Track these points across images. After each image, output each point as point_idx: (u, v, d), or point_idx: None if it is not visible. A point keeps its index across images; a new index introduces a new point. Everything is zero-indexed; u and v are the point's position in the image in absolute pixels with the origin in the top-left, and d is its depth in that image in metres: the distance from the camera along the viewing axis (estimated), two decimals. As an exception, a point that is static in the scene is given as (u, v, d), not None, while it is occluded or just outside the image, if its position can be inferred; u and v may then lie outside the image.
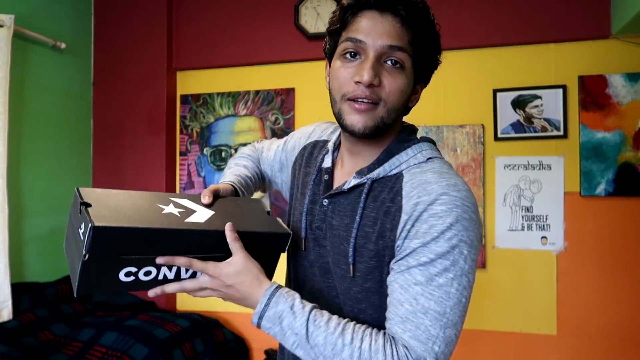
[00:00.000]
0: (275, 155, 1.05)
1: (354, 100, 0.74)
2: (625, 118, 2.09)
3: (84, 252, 0.65)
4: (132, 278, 0.71)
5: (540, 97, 2.18)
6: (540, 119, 2.18)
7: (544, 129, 2.18)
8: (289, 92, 2.49)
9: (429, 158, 0.79)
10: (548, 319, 2.16)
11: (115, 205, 0.70)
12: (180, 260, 0.73)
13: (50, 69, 2.41)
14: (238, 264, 0.74)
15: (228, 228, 0.74)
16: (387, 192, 0.76)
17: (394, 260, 0.73)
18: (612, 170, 2.10)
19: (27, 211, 2.26)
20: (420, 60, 0.76)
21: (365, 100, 0.73)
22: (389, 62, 0.73)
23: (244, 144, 2.55)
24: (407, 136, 0.82)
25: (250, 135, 2.55)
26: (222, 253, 0.75)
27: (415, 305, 0.69)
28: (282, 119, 2.50)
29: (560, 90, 2.16)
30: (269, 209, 0.83)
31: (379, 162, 0.79)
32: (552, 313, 2.16)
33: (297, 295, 0.74)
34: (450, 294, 0.69)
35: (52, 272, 2.37)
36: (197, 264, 0.73)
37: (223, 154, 2.59)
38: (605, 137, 2.11)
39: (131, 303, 2.42)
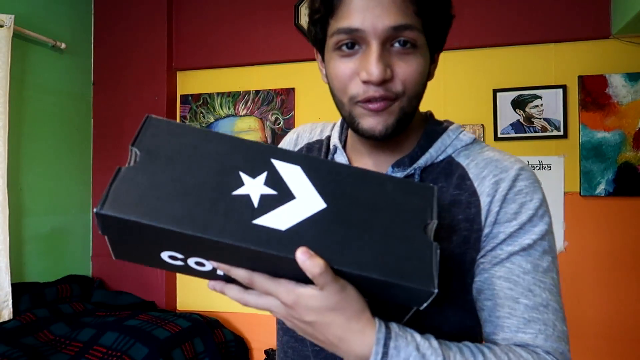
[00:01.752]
0: None
1: (367, 101, 0.60)
2: (625, 118, 2.09)
3: (99, 230, 0.47)
4: (179, 263, 0.50)
5: (540, 97, 2.18)
6: (540, 119, 2.18)
7: (544, 129, 2.18)
8: (289, 92, 2.49)
9: (474, 139, 0.70)
10: (548, 319, 2.16)
11: (159, 176, 0.46)
12: (239, 273, 0.49)
13: (50, 69, 2.41)
14: (326, 299, 0.48)
15: (302, 256, 0.45)
16: (444, 179, 0.65)
17: (482, 253, 0.61)
18: (612, 170, 2.10)
19: (27, 211, 2.26)
20: (432, 29, 0.61)
21: (379, 101, 0.60)
22: (397, 45, 0.58)
23: (244, 144, 2.55)
24: (435, 119, 0.72)
25: (250, 136, 2.55)
26: (308, 281, 0.47)
27: (533, 299, 0.57)
28: (282, 119, 2.50)
29: (560, 90, 2.16)
30: (434, 220, 0.50)
31: (421, 149, 0.67)
32: (552, 313, 2.16)
33: (410, 329, 0.53)
34: (554, 280, 0.60)
35: (52, 272, 2.37)
36: (262, 282, 0.49)
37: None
38: (605, 137, 2.11)
39: (131, 303, 2.42)
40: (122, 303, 2.41)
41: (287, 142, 0.83)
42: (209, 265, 0.50)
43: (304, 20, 2.42)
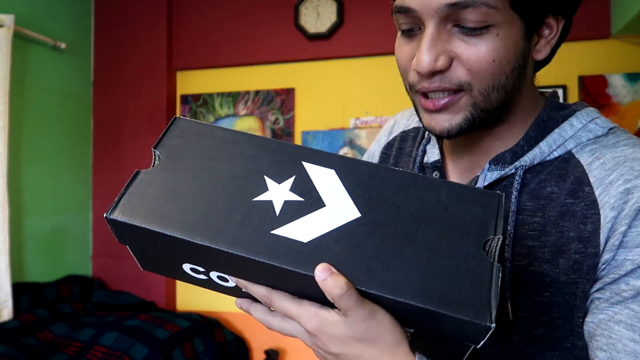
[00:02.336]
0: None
1: (425, 95, 0.51)
2: (625, 118, 2.09)
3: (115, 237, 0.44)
4: (202, 277, 0.46)
5: (540, 97, 2.19)
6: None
7: (544, 129, 2.18)
8: (289, 92, 2.49)
9: (610, 129, 0.52)
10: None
11: (178, 180, 0.42)
12: (257, 290, 0.43)
13: (50, 69, 2.41)
14: (351, 327, 0.40)
15: (321, 273, 0.37)
16: (555, 182, 0.50)
17: (599, 285, 0.46)
18: (612, 170, 2.10)
19: (27, 211, 2.26)
20: None
21: (438, 95, 0.49)
22: (460, 26, 0.46)
23: (244, 144, 2.55)
24: (558, 102, 0.55)
25: (250, 135, 2.55)
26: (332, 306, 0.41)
27: None
28: (282, 119, 2.50)
29: (560, 90, 2.16)
30: (498, 235, 0.40)
31: (529, 142, 0.52)
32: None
33: None
34: None
35: (52, 272, 2.37)
36: (281, 303, 0.42)
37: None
38: (605, 137, 2.11)
39: (131, 303, 2.42)
40: (122, 303, 2.41)
41: (384, 131, 0.74)
42: (232, 280, 0.44)
43: (303, 20, 2.42)
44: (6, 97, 2.03)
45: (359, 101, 2.38)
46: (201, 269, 0.44)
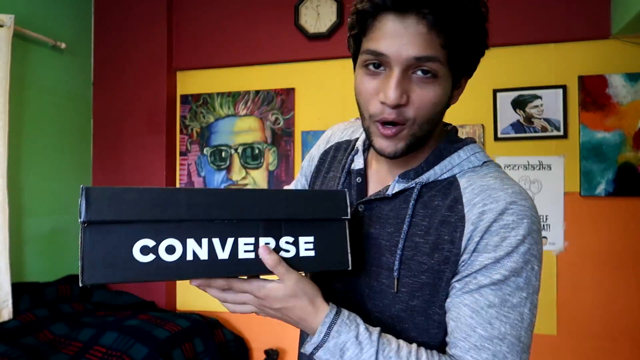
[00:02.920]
0: (296, 183, 0.95)
1: (381, 123, 0.66)
2: (625, 118, 2.09)
3: (80, 218, 0.55)
4: (151, 257, 0.57)
5: (540, 97, 2.18)
6: (540, 119, 2.18)
7: (544, 129, 2.18)
8: (289, 92, 2.49)
9: (484, 162, 0.71)
10: (548, 319, 2.16)
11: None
12: (219, 283, 0.63)
13: (50, 69, 2.41)
14: (286, 288, 0.63)
15: (263, 252, 0.62)
16: (441, 198, 0.68)
17: (457, 277, 0.65)
18: (612, 170, 2.10)
19: (27, 211, 2.26)
20: (459, 59, 0.64)
21: (390, 124, 0.65)
22: (418, 73, 0.62)
23: (244, 144, 2.55)
24: (454, 136, 0.74)
25: (250, 135, 2.55)
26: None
27: (490, 331, 0.61)
28: (282, 119, 2.50)
29: (560, 90, 2.16)
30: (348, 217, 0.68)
31: (428, 165, 0.71)
32: (552, 313, 2.16)
33: (359, 320, 0.65)
34: (523, 316, 0.62)
35: (52, 272, 2.37)
36: (238, 285, 0.63)
37: (223, 154, 2.59)
38: (605, 137, 2.11)
39: (131, 303, 2.42)
40: (122, 303, 2.41)
41: (323, 139, 0.92)
42: (179, 248, 0.60)
43: (303, 20, 2.42)
44: (6, 97, 2.03)
45: (359, 101, 2.38)
46: (151, 244, 0.59)
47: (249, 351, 2.47)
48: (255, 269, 0.62)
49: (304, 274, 0.67)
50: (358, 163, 0.78)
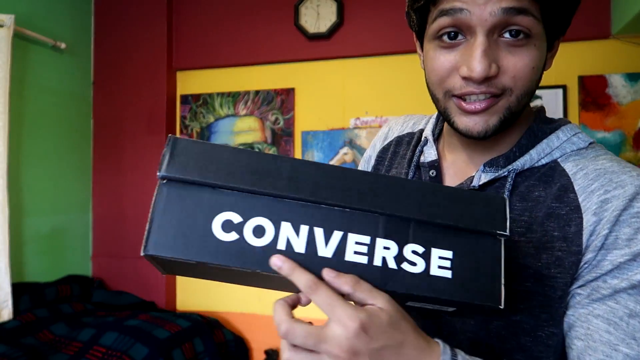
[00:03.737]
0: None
1: (463, 98, 0.54)
2: (625, 118, 2.09)
3: (159, 173, 0.45)
4: (233, 236, 0.45)
5: (540, 97, 2.18)
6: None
7: (544, 129, 2.18)
8: (289, 92, 2.49)
9: (591, 143, 0.58)
10: None
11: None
12: (304, 278, 0.43)
13: (50, 69, 2.41)
14: (392, 314, 0.43)
15: (328, 275, 0.43)
16: (542, 187, 0.55)
17: (581, 282, 0.51)
18: (612, 170, 2.10)
19: (27, 211, 2.26)
20: (553, 14, 0.52)
21: (481, 97, 0.53)
22: (507, 35, 0.51)
23: (244, 144, 2.55)
24: (545, 116, 0.62)
25: (250, 135, 2.55)
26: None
27: (637, 348, 0.47)
28: (282, 119, 2.50)
29: (560, 90, 2.16)
30: (507, 233, 0.47)
31: (520, 149, 0.58)
32: None
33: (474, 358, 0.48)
34: None
35: (52, 272, 2.37)
36: (328, 295, 0.43)
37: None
38: (606, 137, 2.11)
39: (131, 303, 2.42)
40: (122, 303, 2.41)
41: (379, 137, 0.79)
42: (270, 230, 0.47)
43: (303, 20, 2.43)
44: (6, 97, 2.03)
45: (359, 101, 2.38)
46: (237, 219, 0.46)
47: (249, 351, 2.47)
48: (363, 279, 0.45)
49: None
50: (430, 154, 0.65)
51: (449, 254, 0.46)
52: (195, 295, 2.58)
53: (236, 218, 0.45)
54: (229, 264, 0.45)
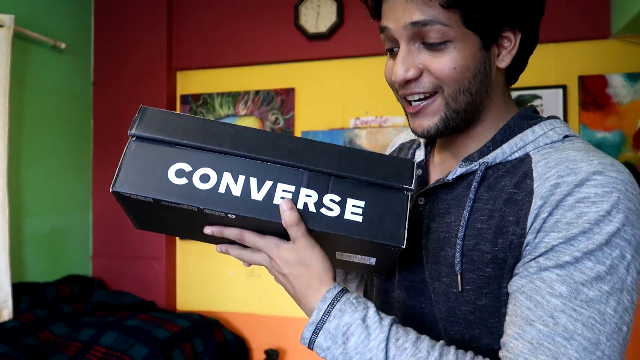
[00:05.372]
0: None
1: (408, 102, 0.60)
2: (625, 118, 2.09)
3: (129, 132, 0.57)
4: (184, 181, 0.56)
5: (540, 97, 2.18)
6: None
7: (544, 129, 2.18)
8: (289, 92, 2.49)
9: (566, 136, 0.58)
10: None
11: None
12: (230, 232, 0.59)
13: (50, 69, 2.41)
14: (296, 252, 0.56)
15: (285, 206, 0.54)
16: (509, 178, 0.57)
17: (520, 263, 0.53)
18: (612, 170, 2.09)
19: (27, 211, 2.26)
20: (480, 15, 0.54)
21: (416, 98, 0.59)
22: (426, 41, 0.56)
23: (244, 144, 2.55)
24: (530, 113, 0.62)
25: (250, 135, 2.55)
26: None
27: (553, 326, 0.47)
28: (282, 119, 2.50)
29: (560, 90, 2.16)
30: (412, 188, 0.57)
31: (494, 144, 0.60)
32: None
33: (370, 304, 0.55)
34: (605, 315, 0.46)
35: (52, 272, 2.37)
36: (251, 237, 0.58)
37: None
38: (605, 137, 2.11)
39: (131, 303, 2.42)
40: (122, 303, 2.41)
41: (390, 147, 0.88)
42: (213, 177, 0.58)
43: (303, 20, 2.42)
44: (6, 97, 2.03)
45: (359, 101, 2.38)
46: (187, 168, 0.57)
47: (249, 351, 2.47)
48: None
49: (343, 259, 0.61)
50: (419, 156, 0.72)
51: (361, 203, 0.56)
52: (195, 295, 2.58)
53: (187, 167, 0.57)
54: (179, 201, 0.56)
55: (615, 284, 0.47)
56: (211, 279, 2.55)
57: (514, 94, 2.21)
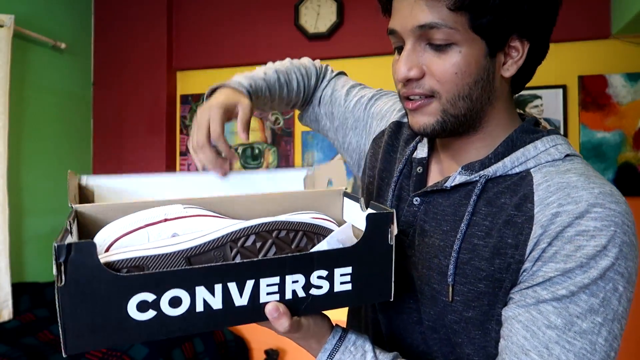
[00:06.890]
0: (356, 106, 0.84)
1: (409, 99, 0.60)
2: (625, 118, 2.09)
3: (54, 272, 0.43)
4: (151, 314, 0.46)
5: (540, 97, 2.18)
6: (540, 119, 2.18)
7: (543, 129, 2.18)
8: (289, 92, 2.49)
9: (567, 155, 0.59)
10: None
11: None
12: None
13: (50, 69, 2.41)
14: (294, 336, 0.57)
15: (272, 314, 0.51)
16: (509, 195, 0.57)
17: (517, 288, 0.54)
18: (612, 170, 2.10)
19: (27, 211, 2.26)
20: (487, 18, 0.54)
21: (415, 97, 0.59)
22: (430, 44, 0.56)
23: (244, 144, 2.55)
24: (532, 126, 0.62)
25: (251, 136, 2.55)
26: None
27: (547, 357, 0.50)
28: (282, 119, 2.50)
29: (560, 90, 2.16)
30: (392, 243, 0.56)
31: (496, 156, 0.60)
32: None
33: (368, 347, 0.58)
34: (596, 346, 0.50)
35: (52, 272, 2.37)
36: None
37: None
38: (605, 137, 2.11)
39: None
40: (122, 303, 2.41)
41: (393, 100, 0.82)
42: (186, 299, 0.49)
43: (303, 20, 2.42)
44: (6, 97, 2.03)
45: (359, 101, 2.38)
46: (152, 298, 0.47)
47: (249, 351, 2.47)
48: None
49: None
50: (422, 152, 0.70)
51: (348, 269, 0.53)
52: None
53: (150, 297, 0.46)
54: (153, 338, 0.47)
55: (607, 315, 0.51)
56: (211, 279, 2.55)
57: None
